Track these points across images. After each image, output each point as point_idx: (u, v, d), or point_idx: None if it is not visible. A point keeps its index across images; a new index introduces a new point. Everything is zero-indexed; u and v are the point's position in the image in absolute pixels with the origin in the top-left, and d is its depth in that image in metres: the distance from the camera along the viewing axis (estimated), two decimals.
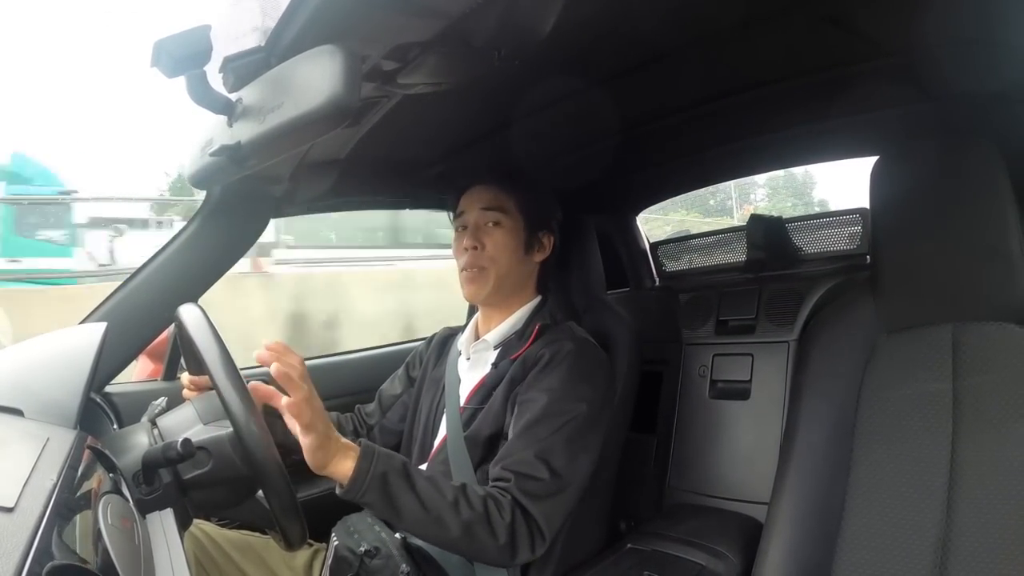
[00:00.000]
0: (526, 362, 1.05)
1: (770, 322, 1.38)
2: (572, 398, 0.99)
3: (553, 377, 1.00)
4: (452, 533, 0.86)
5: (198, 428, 0.79)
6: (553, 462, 0.94)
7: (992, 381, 0.86)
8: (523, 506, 0.91)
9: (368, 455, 0.85)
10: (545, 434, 0.95)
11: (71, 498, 0.57)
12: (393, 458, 0.87)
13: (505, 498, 0.90)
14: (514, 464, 0.94)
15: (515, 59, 0.79)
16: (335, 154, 1.16)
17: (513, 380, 1.05)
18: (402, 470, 0.87)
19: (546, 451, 0.94)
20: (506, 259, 1.11)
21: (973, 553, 0.81)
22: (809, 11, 0.90)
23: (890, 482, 0.89)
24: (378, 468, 0.84)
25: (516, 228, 1.12)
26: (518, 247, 1.12)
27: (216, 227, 1.19)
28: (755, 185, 17.44)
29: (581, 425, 0.98)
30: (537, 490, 0.92)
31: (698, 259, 1.64)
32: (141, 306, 1.14)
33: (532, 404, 0.99)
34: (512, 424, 1.00)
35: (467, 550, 0.91)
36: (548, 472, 0.93)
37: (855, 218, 1.36)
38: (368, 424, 1.28)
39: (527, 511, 0.91)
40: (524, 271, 1.14)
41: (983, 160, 0.89)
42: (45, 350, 0.87)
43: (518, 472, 0.92)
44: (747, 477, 1.33)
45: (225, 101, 0.68)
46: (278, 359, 0.81)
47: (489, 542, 0.88)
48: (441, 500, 0.86)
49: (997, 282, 0.89)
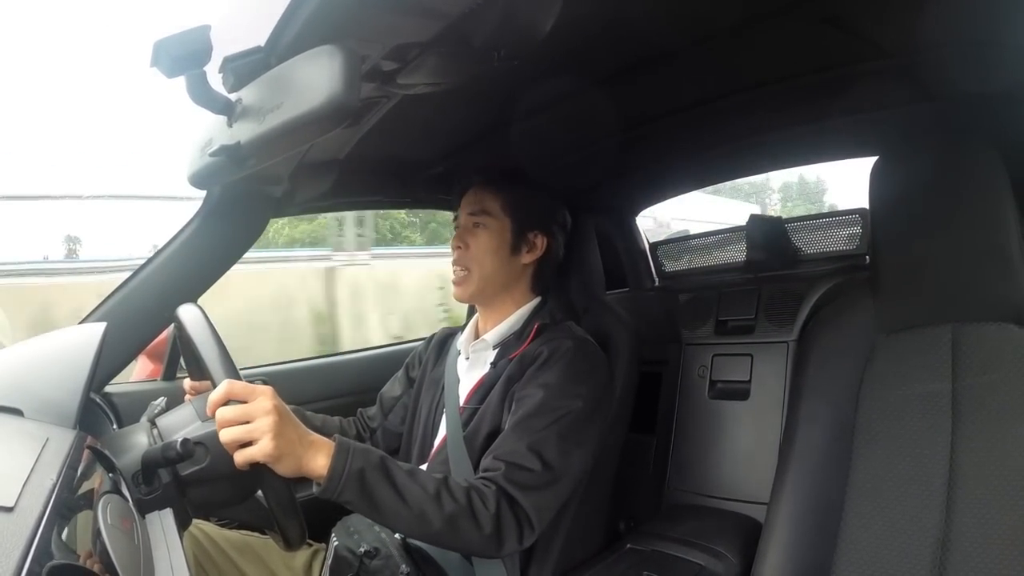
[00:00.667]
0: (524, 360, 1.05)
1: (770, 322, 1.38)
2: (568, 394, 0.99)
3: (550, 373, 1.00)
4: (435, 526, 0.84)
5: (197, 426, 0.79)
6: (546, 454, 0.93)
7: (992, 381, 0.86)
8: (510, 495, 0.90)
9: (343, 451, 0.81)
10: (539, 427, 0.95)
11: (71, 498, 0.57)
12: (370, 452, 0.85)
13: (490, 488, 0.89)
14: (505, 454, 0.93)
15: (515, 59, 0.79)
16: (335, 154, 1.16)
17: (511, 378, 1.05)
18: (379, 464, 0.84)
19: (539, 443, 0.94)
20: (489, 260, 1.11)
21: (972, 553, 0.81)
22: (809, 11, 0.90)
23: (890, 482, 0.89)
24: (355, 464, 0.81)
25: (501, 229, 1.12)
26: (501, 248, 1.12)
27: (215, 227, 1.19)
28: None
29: (576, 420, 0.98)
30: (528, 481, 0.91)
31: (697, 259, 1.64)
32: (140, 306, 1.14)
33: (528, 399, 0.99)
34: (509, 418, 1.00)
35: (451, 543, 0.89)
36: (540, 464, 0.92)
37: (855, 218, 1.36)
38: (371, 427, 1.28)
39: (515, 500, 0.90)
40: (511, 272, 1.14)
41: (983, 160, 0.89)
42: (45, 350, 0.88)
43: (509, 462, 0.92)
44: (746, 477, 1.33)
45: (225, 101, 0.68)
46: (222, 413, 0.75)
47: (474, 533, 0.86)
48: (422, 494, 0.85)
49: (996, 282, 0.89)
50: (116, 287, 1.15)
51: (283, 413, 0.77)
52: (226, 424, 0.74)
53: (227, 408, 0.75)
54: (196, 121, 0.81)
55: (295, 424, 0.79)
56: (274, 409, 0.76)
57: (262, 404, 0.76)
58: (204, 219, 1.18)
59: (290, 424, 0.78)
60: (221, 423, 0.74)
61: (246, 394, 0.76)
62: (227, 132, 0.69)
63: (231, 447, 0.74)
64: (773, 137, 1.35)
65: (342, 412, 1.35)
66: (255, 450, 0.74)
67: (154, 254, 1.17)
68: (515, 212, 1.13)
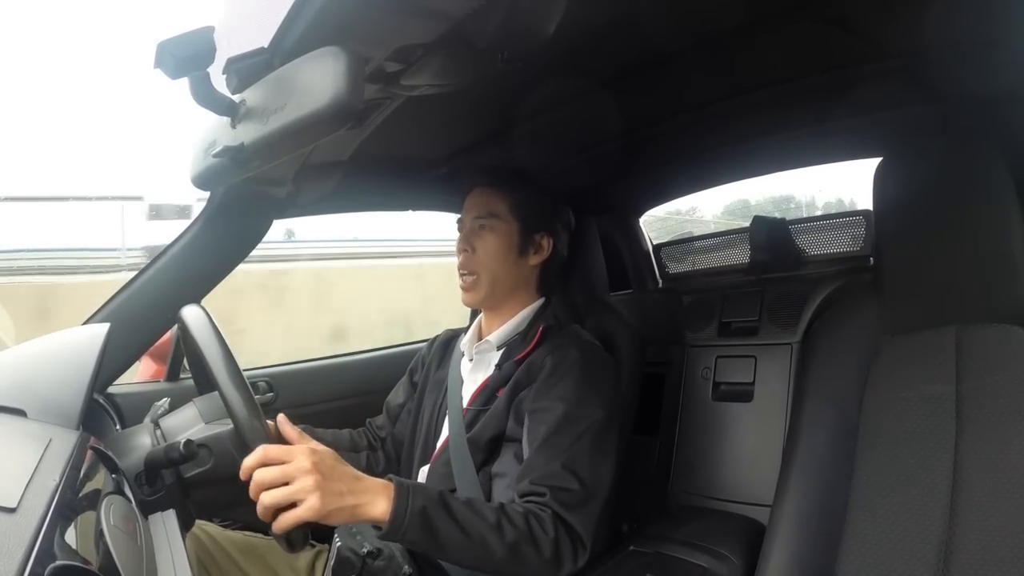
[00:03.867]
0: (531, 368, 1.04)
1: (773, 324, 1.38)
2: (587, 404, 0.98)
3: (565, 385, 1.00)
4: (497, 555, 0.84)
5: (200, 428, 0.80)
6: (580, 471, 0.93)
7: (995, 384, 0.85)
8: (564, 519, 0.90)
9: (403, 492, 0.79)
10: (567, 443, 0.95)
11: (73, 499, 0.57)
12: (427, 489, 0.84)
13: (545, 512, 0.89)
14: (544, 478, 0.92)
15: (518, 61, 0.79)
16: (338, 155, 1.16)
17: (517, 384, 1.04)
18: (439, 500, 0.83)
19: (572, 461, 0.93)
20: (496, 263, 1.11)
21: (976, 556, 0.81)
22: (812, 12, 0.90)
23: (893, 484, 0.89)
24: (416, 504, 0.80)
25: (508, 232, 1.12)
26: (510, 250, 1.11)
27: (219, 228, 1.19)
28: None
29: (599, 431, 0.97)
30: (572, 501, 0.91)
31: (701, 261, 1.64)
32: (144, 307, 1.14)
33: (547, 414, 0.98)
34: (527, 435, 0.99)
35: (512, 570, 0.88)
36: (577, 482, 0.92)
37: (858, 220, 1.35)
38: (380, 437, 1.27)
39: (568, 523, 0.90)
40: (519, 274, 1.13)
41: (987, 162, 0.89)
42: (48, 350, 0.88)
43: (551, 486, 0.91)
44: (750, 479, 1.33)
45: (228, 102, 0.68)
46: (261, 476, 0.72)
47: (535, 559, 0.86)
48: (483, 524, 0.84)
49: (1000, 284, 0.88)
50: (120, 288, 1.16)
51: (326, 468, 0.75)
52: (264, 487, 0.72)
53: (265, 470, 0.72)
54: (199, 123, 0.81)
55: (340, 474, 0.77)
56: (314, 467, 0.73)
57: (301, 464, 0.72)
58: (208, 220, 1.18)
59: (335, 476, 0.75)
60: (259, 486, 0.72)
61: (282, 456, 0.73)
62: (231, 133, 0.69)
63: (270, 511, 0.72)
64: (777, 138, 1.34)
65: (347, 413, 1.35)
66: (300, 512, 0.72)
67: (158, 255, 1.17)
68: (522, 214, 1.12)
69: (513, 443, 1.03)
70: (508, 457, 1.04)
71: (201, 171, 0.80)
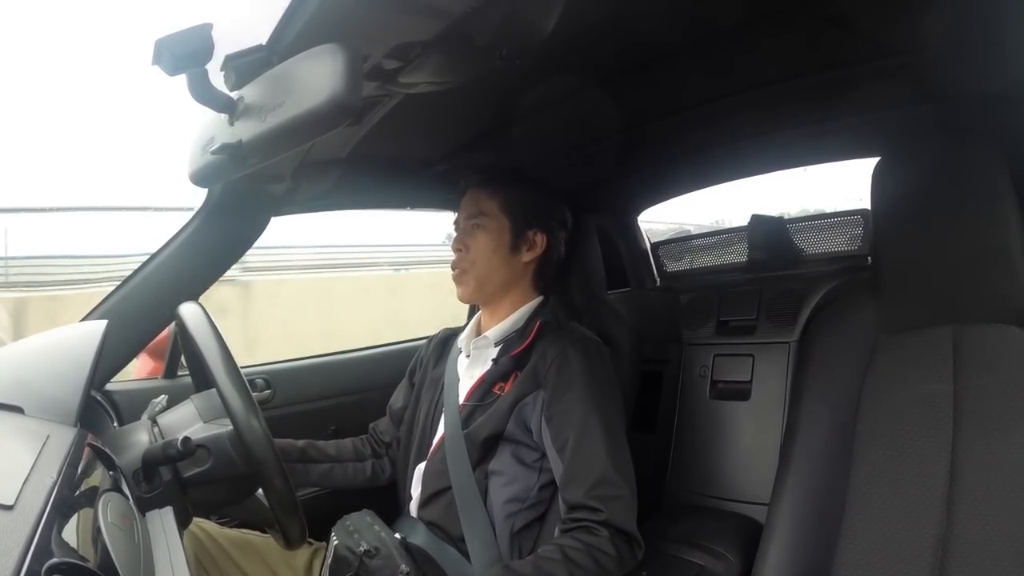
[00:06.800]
0: (536, 373, 1.05)
1: (771, 323, 1.38)
2: (602, 399, 1.01)
3: (577, 386, 1.01)
4: None
5: (198, 426, 0.79)
6: (618, 474, 0.96)
7: (993, 383, 0.85)
8: (620, 528, 0.93)
9: None
10: (599, 449, 0.97)
11: (71, 496, 0.57)
12: (490, 569, 0.90)
13: (602, 535, 0.92)
14: (596, 488, 0.95)
15: (517, 59, 0.79)
16: (336, 153, 1.16)
17: (523, 389, 1.04)
18: (506, 573, 0.88)
19: (610, 467, 0.96)
20: (487, 260, 1.12)
21: (973, 555, 0.81)
22: (811, 11, 0.89)
23: (890, 483, 0.89)
24: None
25: (500, 229, 1.13)
26: (500, 248, 1.13)
27: (217, 225, 1.19)
28: None
29: (616, 426, 1.01)
30: (624, 508, 0.95)
31: (699, 259, 1.64)
32: (142, 304, 1.14)
33: (569, 416, 1.00)
34: (551, 440, 1.00)
35: None
36: (624, 484, 0.96)
37: (856, 219, 1.35)
38: (384, 442, 1.27)
39: (625, 532, 0.93)
40: (511, 271, 1.14)
41: (985, 161, 0.89)
42: (45, 347, 0.88)
43: (603, 496, 0.94)
44: (747, 478, 1.33)
45: (226, 99, 0.68)
46: None
47: None
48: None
49: (998, 284, 0.88)
50: (118, 285, 1.15)
51: None
52: None
53: None
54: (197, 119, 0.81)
55: None
56: None
57: None
58: (205, 217, 1.18)
59: None
60: None
61: None
62: (228, 130, 0.69)
63: None
64: (775, 137, 1.34)
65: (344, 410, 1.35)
66: None
67: (155, 252, 1.17)
68: (513, 211, 1.13)
69: (512, 443, 1.04)
70: (505, 456, 1.04)
71: (199, 168, 0.80)
